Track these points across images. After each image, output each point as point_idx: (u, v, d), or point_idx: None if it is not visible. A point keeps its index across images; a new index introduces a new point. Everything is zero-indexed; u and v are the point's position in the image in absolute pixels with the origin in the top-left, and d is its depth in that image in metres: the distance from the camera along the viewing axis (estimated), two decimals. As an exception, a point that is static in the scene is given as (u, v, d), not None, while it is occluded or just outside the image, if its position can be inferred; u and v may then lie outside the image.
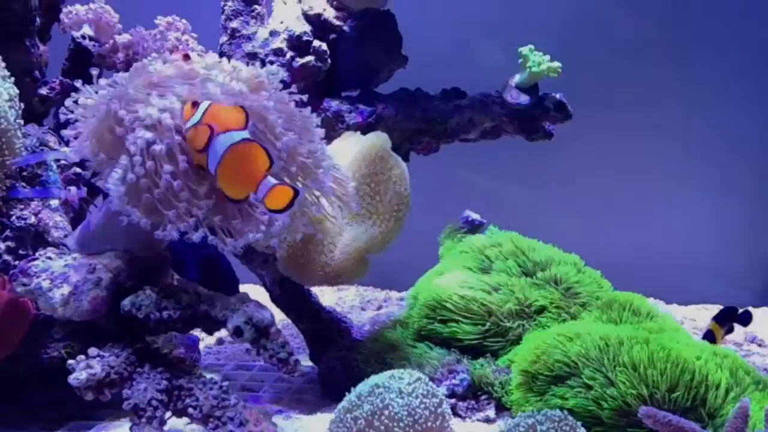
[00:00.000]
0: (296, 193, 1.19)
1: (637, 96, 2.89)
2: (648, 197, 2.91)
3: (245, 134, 1.20)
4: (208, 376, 1.33)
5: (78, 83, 1.27)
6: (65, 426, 1.57)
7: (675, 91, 2.89)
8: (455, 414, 1.56)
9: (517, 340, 1.62)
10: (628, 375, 1.37)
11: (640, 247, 2.79)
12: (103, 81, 1.28)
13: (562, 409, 1.30)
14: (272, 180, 1.19)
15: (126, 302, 1.26)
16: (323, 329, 1.86)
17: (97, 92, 1.26)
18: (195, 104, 1.22)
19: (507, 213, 2.02)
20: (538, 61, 1.91)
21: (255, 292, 1.65)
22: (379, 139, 1.62)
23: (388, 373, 1.34)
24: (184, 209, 1.19)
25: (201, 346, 1.94)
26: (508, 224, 1.96)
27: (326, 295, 2.00)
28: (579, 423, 1.21)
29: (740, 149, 2.83)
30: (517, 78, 1.97)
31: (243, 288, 2.61)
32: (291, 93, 1.38)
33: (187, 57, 1.30)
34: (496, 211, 2.02)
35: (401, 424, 1.24)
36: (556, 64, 1.92)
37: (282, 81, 1.38)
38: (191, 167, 1.21)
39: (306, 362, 1.88)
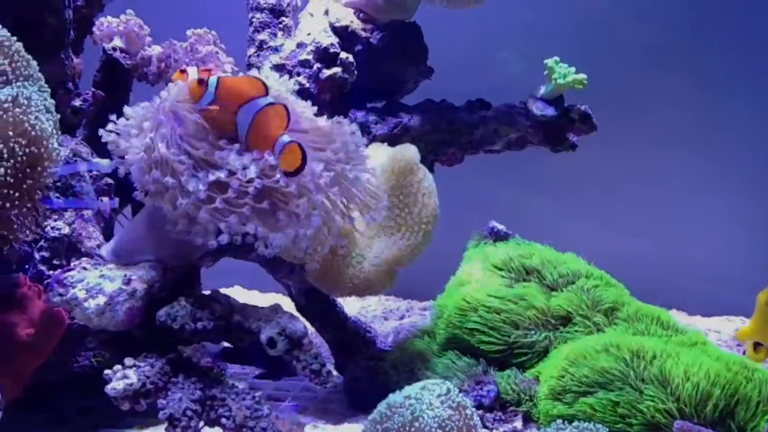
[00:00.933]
0: (303, 151, 1.22)
1: (659, 105, 2.89)
2: (670, 207, 2.90)
3: (269, 99, 1.25)
4: (240, 385, 1.34)
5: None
6: (94, 434, 1.59)
7: (697, 98, 2.89)
8: (482, 425, 1.56)
9: (544, 352, 1.62)
10: (657, 389, 1.37)
11: (662, 258, 2.78)
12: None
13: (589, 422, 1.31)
14: (286, 137, 1.23)
15: (162, 313, 1.28)
16: (348, 339, 1.87)
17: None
18: (201, 82, 1.25)
19: (527, 223, 2.03)
20: (564, 73, 1.92)
21: (280, 302, 1.67)
22: (407, 151, 1.63)
23: (420, 384, 1.35)
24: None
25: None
26: (529, 235, 1.97)
27: (348, 305, 2.01)
28: (608, 434, 1.21)
29: (765, 158, 2.82)
30: (542, 89, 1.98)
31: (268, 298, 2.63)
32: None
33: (183, 72, 1.32)
34: (516, 222, 2.02)
35: (434, 436, 1.24)
36: (582, 76, 1.93)
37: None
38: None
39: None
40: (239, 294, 2.81)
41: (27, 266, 1.47)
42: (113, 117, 1.30)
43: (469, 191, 2.69)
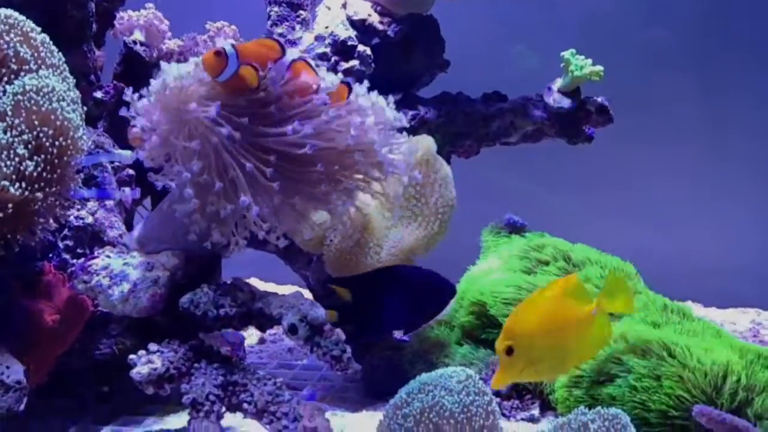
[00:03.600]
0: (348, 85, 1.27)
1: (673, 101, 2.90)
2: (684, 201, 2.90)
3: (293, 56, 1.27)
4: (261, 373, 1.36)
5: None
6: (115, 421, 1.60)
7: (709, 95, 2.89)
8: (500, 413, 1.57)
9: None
10: (675, 377, 1.37)
11: (676, 250, 2.78)
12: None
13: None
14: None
15: (185, 299, 1.30)
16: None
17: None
18: (218, 53, 1.22)
19: (542, 218, 2.04)
20: (581, 65, 1.93)
21: (299, 292, 1.69)
22: (424, 141, 1.65)
23: (440, 371, 1.36)
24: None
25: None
26: (544, 229, 1.98)
27: (365, 295, 2.03)
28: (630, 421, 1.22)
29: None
30: (559, 82, 1.99)
31: (284, 289, 2.65)
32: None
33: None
34: (531, 217, 2.04)
35: (452, 422, 1.26)
36: (599, 67, 1.93)
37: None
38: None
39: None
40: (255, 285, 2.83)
41: (51, 255, 1.49)
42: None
43: (486, 185, 2.71)
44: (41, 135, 1.20)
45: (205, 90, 1.26)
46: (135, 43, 1.83)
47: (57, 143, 1.22)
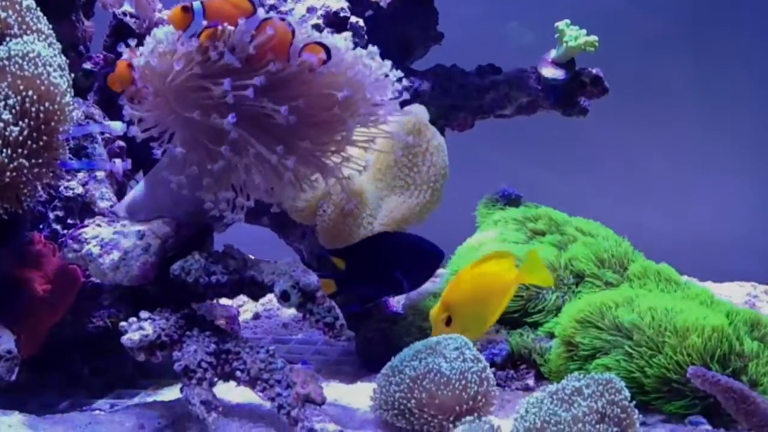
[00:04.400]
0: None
1: (669, 83, 2.90)
2: (679, 176, 2.91)
3: (263, 16, 1.23)
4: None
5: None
6: (109, 394, 1.60)
7: (704, 76, 2.89)
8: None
9: (557, 312, 1.62)
10: (672, 344, 1.37)
11: (671, 225, 2.78)
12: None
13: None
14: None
15: (176, 266, 1.29)
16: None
17: None
18: (186, 9, 1.19)
19: (538, 195, 2.03)
20: (575, 36, 1.91)
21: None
22: (416, 110, 1.63)
23: (434, 338, 1.35)
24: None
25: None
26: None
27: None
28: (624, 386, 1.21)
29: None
30: (553, 53, 1.97)
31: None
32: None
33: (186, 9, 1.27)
34: (527, 194, 2.03)
35: (448, 387, 1.25)
36: (593, 38, 1.92)
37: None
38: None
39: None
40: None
41: (41, 226, 1.48)
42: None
43: (479, 161, 2.70)
44: (26, 100, 1.19)
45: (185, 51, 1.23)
46: (125, 14, 1.81)
47: (43, 108, 1.20)
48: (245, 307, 2.31)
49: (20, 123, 1.18)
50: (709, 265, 2.66)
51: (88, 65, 1.69)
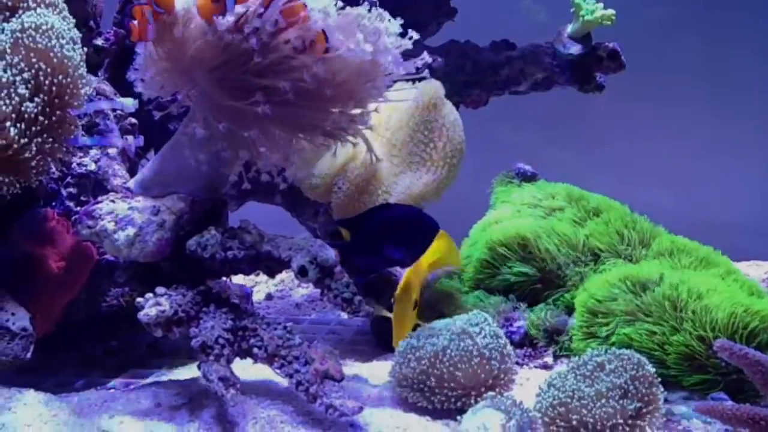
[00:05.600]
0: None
1: (682, 64, 2.87)
2: (692, 158, 2.88)
3: None
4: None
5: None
6: (124, 374, 1.59)
7: (715, 57, 2.87)
8: (513, 361, 1.55)
9: (575, 288, 1.61)
10: (694, 319, 1.35)
11: (686, 205, 2.76)
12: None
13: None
14: None
15: (192, 242, 1.27)
16: (375, 281, 1.86)
17: None
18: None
19: (548, 172, 2.01)
20: (592, 9, 1.88)
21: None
22: (432, 86, 1.61)
23: (454, 317, 1.34)
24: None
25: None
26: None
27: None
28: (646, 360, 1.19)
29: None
30: (569, 27, 1.94)
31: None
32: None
33: None
34: (538, 171, 2.01)
35: (471, 364, 1.24)
36: (610, 11, 1.89)
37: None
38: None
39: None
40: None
41: (54, 203, 1.46)
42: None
43: (490, 140, 2.68)
44: (40, 73, 1.17)
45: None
46: (135, -10, 1.78)
47: (56, 81, 1.18)
48: (258, 288, 2.30)
49: (35, 98, 1.16)
50: (724, 245, 2.64)
51: (98, 41, 1.66)
